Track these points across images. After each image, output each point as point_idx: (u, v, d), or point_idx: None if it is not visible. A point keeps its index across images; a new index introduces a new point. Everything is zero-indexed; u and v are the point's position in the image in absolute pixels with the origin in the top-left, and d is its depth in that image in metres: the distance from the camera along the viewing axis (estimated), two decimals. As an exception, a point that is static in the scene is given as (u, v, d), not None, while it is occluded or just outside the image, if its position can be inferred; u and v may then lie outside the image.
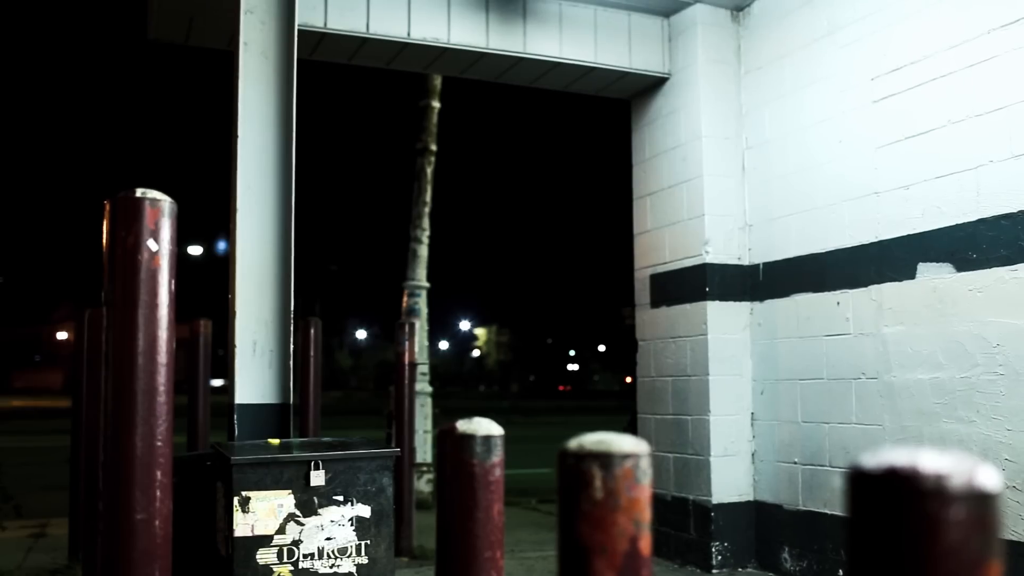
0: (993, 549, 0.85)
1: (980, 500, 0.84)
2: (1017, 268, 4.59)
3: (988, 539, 0.84)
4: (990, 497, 0.84)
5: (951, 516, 0.83)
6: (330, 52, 6.43)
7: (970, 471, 0.84)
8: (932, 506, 0.82)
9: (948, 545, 0.83)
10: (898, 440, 5.24)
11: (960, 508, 0.83)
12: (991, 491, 0.85)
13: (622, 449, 1.23)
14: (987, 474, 0.85)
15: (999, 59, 4.72)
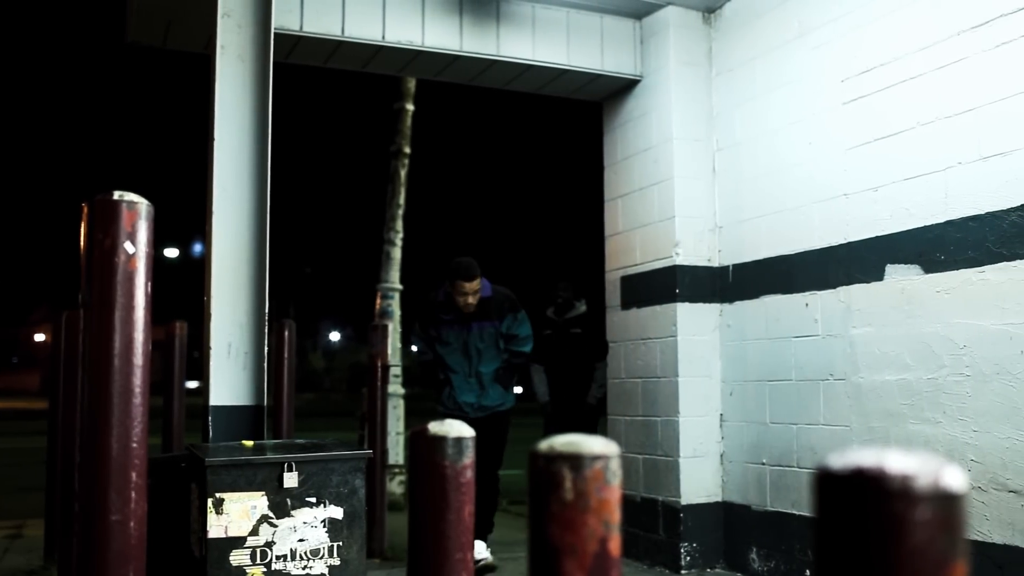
0: (958, 549, 0.85)
1: (946, 501, 0.84)
2: (984, 270, 4.57)
3: (954, 539, 0.85)
4: (956, 498, 0.85)
5: (917, 517, 0.83)
6: (306, 55, 6.38)
7: (936, 472, 0.85)
8: (898, 507, 0.83)
9: (914, 545, 0.83)
10: (865, 441, 5.21)
11: (926, 509, 0.83)
12: (957, 492, 0.85)
13: (592, 450, 1.24)
14: (953, 475, 0.86)
15: (968, 61, 4.70)
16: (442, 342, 6.53)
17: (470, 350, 6.51)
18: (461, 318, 6.49)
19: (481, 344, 6.50)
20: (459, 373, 6.50)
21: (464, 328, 6.52)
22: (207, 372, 4.84)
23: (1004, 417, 4.45)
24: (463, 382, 6.50)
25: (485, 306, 6.48)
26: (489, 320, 6.50)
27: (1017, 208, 4.41)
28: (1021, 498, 4.37)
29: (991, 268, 4.54)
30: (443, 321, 6.52)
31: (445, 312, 6.52)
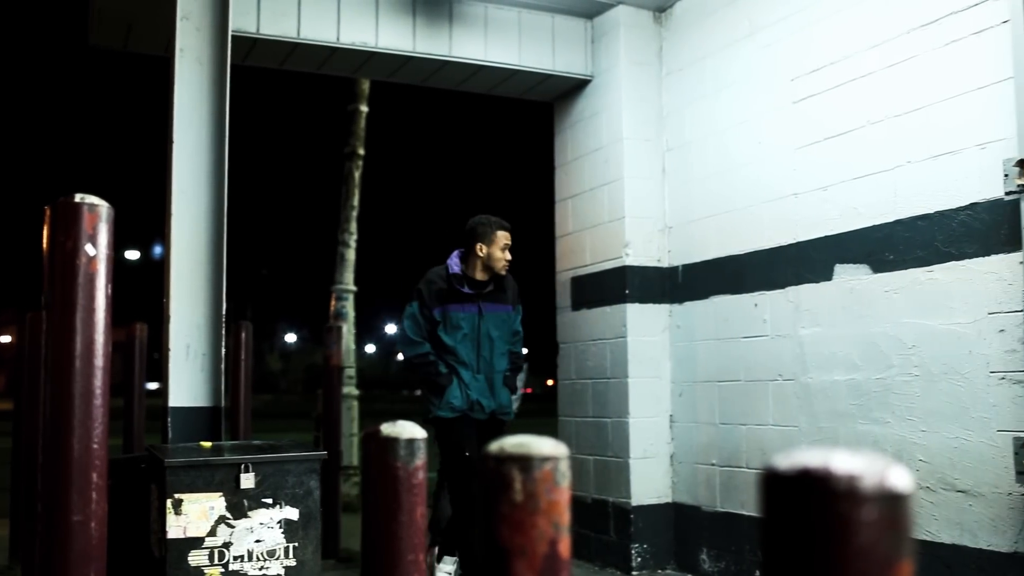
0: (904, 549, 0.86)
1: (892, 501, 0.84)
2: (933, 269, 4.53)
3: (899, 539, 0.85)
4: (902, 497, 0.85)
5: (863, 517, 0.83)
6: (262, 57, 6.33)
7: (882, 472, 0.85)
8: (844, 507, 0.82)
9: (860, 545, 0.83)
10: (814, 441, 5.14)
11: (872, 509, 0.83)
12: (903, 492, 0.85)
13: (541, 452, 1.24)
14: (899, 475, 0.86)
15: (918, 59, 4.65)
16: (451, 327, 5.45)
17: (481, 339, 5.50)
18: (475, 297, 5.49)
19: (495, 332, 5.52)
20: (468, 367, 5.45)
21: (475, 310, 5.51)
22: (166, 373, 4.88)
23: (952, 417, 4.41)
24: (472, 379, 5.45)
25: (501, 285, 5.58)
26: (503, 304, 5.57)
27: (966, 207, 4.37)
28: (969, 498, 4.33)
29: (940, 268, 4.50)
30: (453, 301, 5.48)
31: (460, 286, 5.47)
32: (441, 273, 5.57)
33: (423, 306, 5.51)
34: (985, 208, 4.31)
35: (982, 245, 4.32)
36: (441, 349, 5.48)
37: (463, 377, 5.46)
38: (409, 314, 5.58)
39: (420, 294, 5.54)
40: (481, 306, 5.50)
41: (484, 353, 5.51)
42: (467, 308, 5.49)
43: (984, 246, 4.31)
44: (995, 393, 4.25)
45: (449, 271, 5.55)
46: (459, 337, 5.48)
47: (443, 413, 5.45)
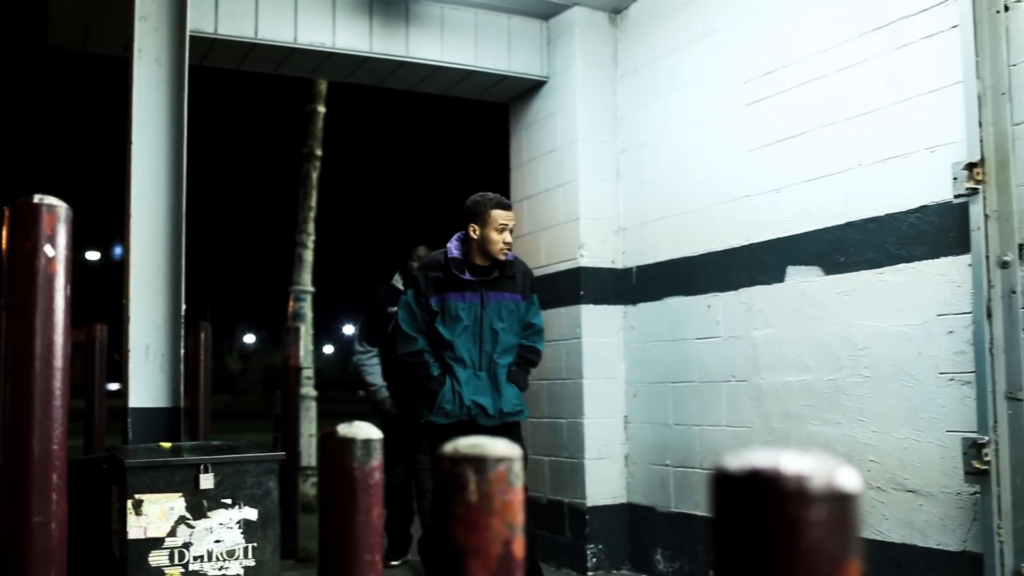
0: (852, 548, 0.87)
1: (840, 500, 0.84)
2: (884, 271, 4.54)
3: (848, 538, 0.86)
4: (850, 497, 0.85)
5: (811, 516, 0.83)
6: (220, 58, 6.28)
7: (830, 472, 0.86)
8: (793, 507, 0.83)
9: (808, 545, 0.84)
10: (767, 442, 5.13)
11: (820, 509, 0.83)
12: (851, 492, 0.86)
13: (496, 453, 1.24)
14: (847, 475, 0.87)
15: (869, 63, 4.65)
16: (449, 318, 4.93)
17: (483, 331, 4.98)
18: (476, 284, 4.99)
19: (500, 324, 4.99)
20: (467, 364, 4.96)
21: (477, 300, 4.99)
22: (126, 374, 4.90)
23: (903, 418, 4.41)
24: (471, 377, 4.95)
25: (507, 271, 5.08)
26: (511, 292, 5.05)
27: (916, 210, 4.38)
28: (919, 497, 4.33)
29: (890, 269, 4.51)
30: (451, 289, 4.97)
31: (459, 272, 4.97)
32: (439, 258, 5.06)
33: (419, 295, 5.00)
34: (935, 211, 4.36)
35: (932, 247, 4.36)
36: (439, 344, 4.97)
37: (459, 376, 4.94)
38: (403, 303, 5.06)
39: (416, 281, 5.03)
40: (484, 295, 4.98)
41: (486, 348, 4.98)
42: (468, 297, 4.97)
43: (934, 248, 4.35)
44: (944, 394, 4.29)
45: (448, 255, 5.02)
46: (458, 330, 4.95)
47: (436, 419, 4.96)
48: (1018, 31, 4.01)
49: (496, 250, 4.97)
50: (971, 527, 4.14)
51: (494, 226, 4.97)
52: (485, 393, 4.96)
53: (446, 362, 4.96)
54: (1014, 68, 4.02)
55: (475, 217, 5.00)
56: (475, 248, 5.01)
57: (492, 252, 4.98)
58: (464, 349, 4.96)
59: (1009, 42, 4.03)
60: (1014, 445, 3.92)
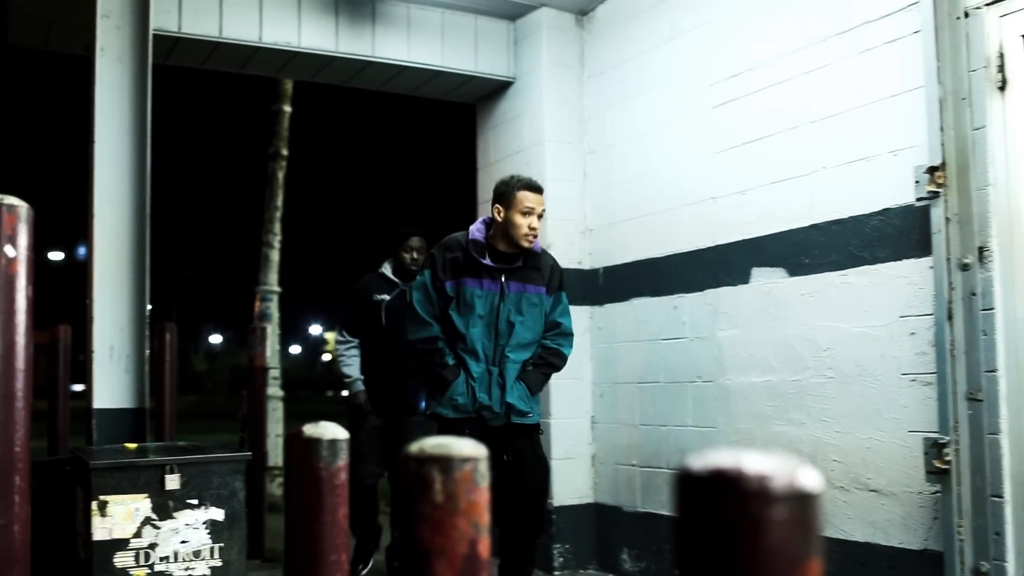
0: (813, 547, 0.88)
1: (801, 500, 0.85)
2: (847, 273, 4.57)
3: (809, 538, 0.86)
4: (811, 497, 0.86)
5: (773, 516, 0.84)
6: (184, 56, 6.20)
7: (792, 472, 0.86)
8: (755, 506, 0.84)
9: (770, 544, 0.85)
10: (732, 442, 5.15)
11: (782, 508, 0.84)
12: (812, 491, 0.87)
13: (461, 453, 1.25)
14: (808, 475, 0.88)
15: (834, 67, 4.68)
16: (464, 306, 4.56)
17: (499, 323, 4.59)
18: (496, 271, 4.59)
19: (518, 317, 4.61)
20: (480, 359, 4.59)
21: (496, 288, 4.60)
22: (90, 375, 4.88)
23: (865, 418, 4.45)
24: (483, 373, 4.58)
25: (533, 262, 4.71)
26: (534, 284, 4.67)
27: (879, 212, 4.42)
28: (881, 497, 4.37)
29: (853, 272, 4.54)
30: (469, 274, 4.59)
31: (479, 256, 4.59)
32: (460, 239, 4.66)
33: (435, 277, 4.60)
34: (897, 214, 4.40)
35: (894, 250, 4.40)
36: (450, 332, 4.59)
37: (472, 371, 4.55)
38: (419, 285, 4.67)
39: (433, 261, 4.63)
40: (504, 284, 4.59)
41: (501, 341, 4.58)
42: (486, 285, 4.58)
43: (896, 251, 4.39)
44: (906, 394, 4.34)
45: (469, 236, 4.63)
46: (473, 319, 4.56)
47: (444, 411, 4.61)
48: (978, 37, 4.06)
49: (520, 235, 4.56)
50: (932, 526, 4.18)
51: (519, 208, 4.56)
52: (495, 392, 4.59)
53: (458, 355, 4.58)
54: (974, 73, 4.07)
55: (501, 198, 4.62)
56: (499, 232, 4.61)
57: (515, 237, 4.58)
58: (478, 342, 4.56)
59: (969, 48, 4.09)
60: (974, 445, 3.97)
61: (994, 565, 3.87)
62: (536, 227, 4.59)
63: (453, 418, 4.57)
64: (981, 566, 3.90)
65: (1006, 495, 3.88)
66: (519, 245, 4.60)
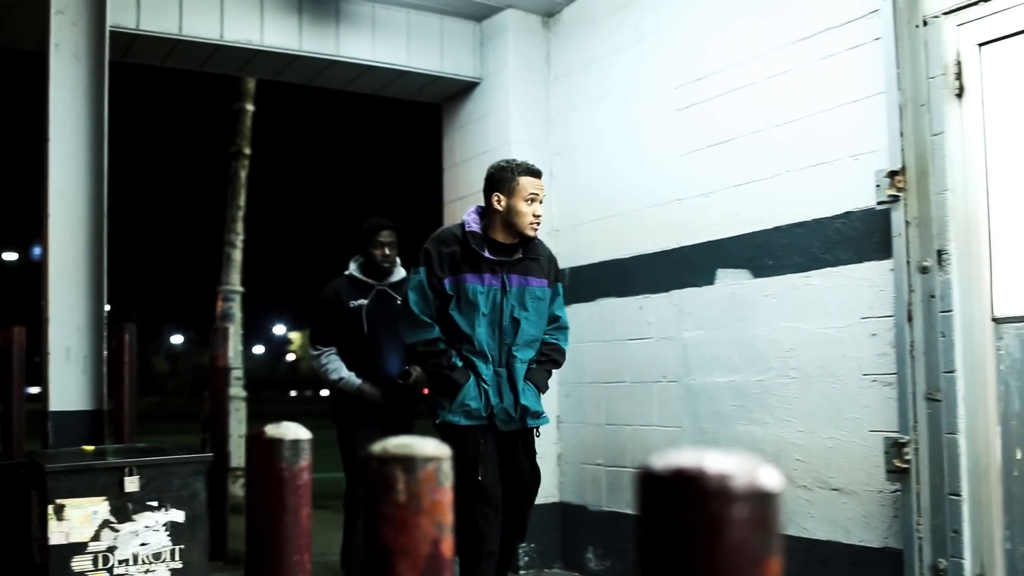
0: (773, 546, 0.88)
1: (762, 499, 0.86)
2: (810, 275, 4.62)
3: (769, 536, 0.87)
4: (771, 496, 0.87)
5: (734, 515, 0.85)
6: (143, 54, 6.13)
7: (752, 471, 0.87)
8: (715, 505, 0.85)
9: (731, 543, 0.85)
10: (696, 442, 5.19)
11: (743, 507, 0.85)
12: (772, 490, 0.88)
13: (424, 452, 1.25)
14: (769, 474, 0.89)
15: (796, 72, 4.74)
16: (465, 304, 4.19)
17: (503, 321, 4.25)
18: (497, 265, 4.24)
19: (523, 313, 4.28)
20: (489, 360, 4.26)
21: (497, 283, 4.25)
22: (46, 377, 4.83)
23: (828, 418, 4.51)
24: (492, 375, 4.25)
25: (532, 252, 4.40)
26: (536, 276, 4.36)
27: (840, 216, 4.48)
28: (843, 495, 4.43)
29: (816, 273, 4.60)
30: (469, 269, 4.22)
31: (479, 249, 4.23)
32: (455, 232, 4.32)
33: (432, 274, 4.22)
34: (858, 217, 4.45)
35: (856, 252, 4.46)
36: (453, 334, 4.24)
37: (482, 374, 4.23)
38: (415, 284, 4.27)
39: (428, 257, 4.23)
40: (506, 278, 4.26)
41: (507, 340, 4.26)
42: (487, 280, 4.23)
43: (858, 253, 4.45)
44: (867, 395, 4.39)
45: (466, 228, 4.27)
46: (477, 319, 4.20)
47: (454, 418, 4.23)
48: (936, 45, 4.13)
49: (525, 224, 4.27)
50: (892, 524, 4.23)
51: (523, 195, 4.27)
52: (507, 395, 4.28)
53: (464, 357, 4.22)
54: (932, 80, 4.13)
55: (499, 185, 4.29)
56: (499, 222, 4.28)
57: (520, 226, 4.27)
58: (485, 342, 4.21)
59: (928, 55, 4.15)
60: (932, 444, 4.02)
61: (952, 562, 3.93)
62: (540, 214, 4.35)
63: (467, 426, 4.22)
64: (939, 563, 3.95)
65: (963, 493, 3.93)
66: (523, 234, 4.29)
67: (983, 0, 3.96)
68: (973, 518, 3.92)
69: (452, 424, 4.23)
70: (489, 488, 4.22)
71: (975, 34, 4.02)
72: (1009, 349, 3.86)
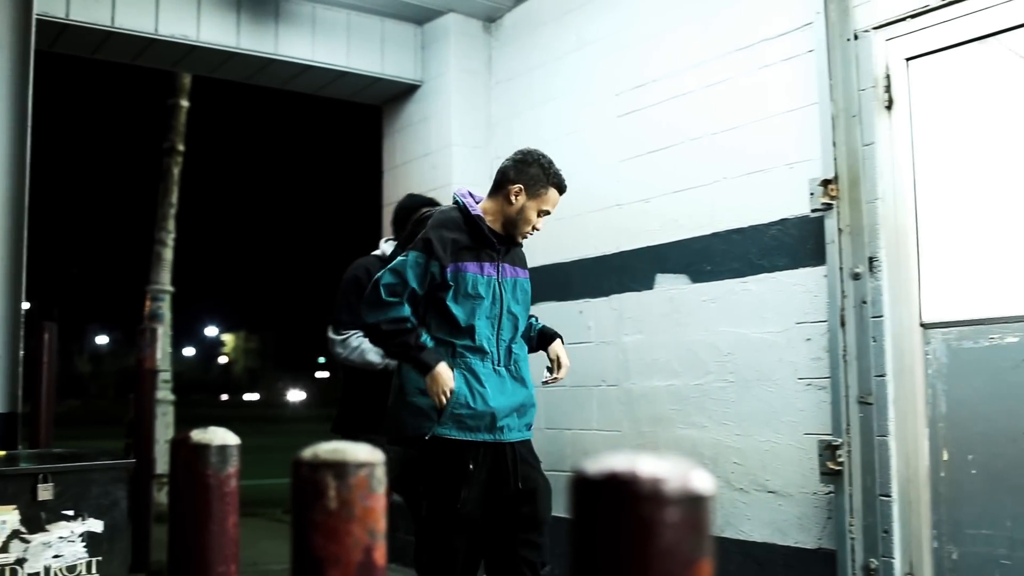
0: (705, 548, 0.89)
1: (693, 502, 0.87)
2: (747, 280, 4.71)
3: (700, 539, 0.88)
4: (703, 499, 0.88)
5: (666, 518, 0.86)
6: (73, 45, 5.99)
7: (685, 475, 0.88)
8: (647, 508, 0.85)
9: (663, 546, 0.86)
10: (636, 445, 5.24)
11: (674, 510, 0.86)
12: (704, 493, 0.89)
13: (357, 458, 1.22)
14: (701, 477, 0.90)
15: (734, 81, 4.83)
16: (463, 295, 3.66)
17: (503, 314, 3.77)
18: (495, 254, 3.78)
19: (517, 307, 3.85)
20: (488, 356, 3.72)
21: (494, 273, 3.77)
22: None
23: (764, 422, 4.59)
24: (491, 374, 3.69)
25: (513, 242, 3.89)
26: (523, 267, 4.00)
27: (777, 223, 4.57)
28: (779, 498, 4.52)
29: (753, 279, 4.69)
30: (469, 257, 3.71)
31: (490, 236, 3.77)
32: (454, 216, 3.77)
33: (431, 260, 3.64)
34: (794, 224, 4.52)
35: (791, 259, 4.53)
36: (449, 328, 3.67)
37: (479, 373, 3.65)
38: (399, 265, 3.66)
39: (429, 244, 3.65)
40: (501, 268, 3.81)
41: (503, 336, 3.77)
42: (486, 269, 3.73)
43: (793, 259, 4.52)
44: (802, 398, 4.45)
45: (471, 211, 3.77)
46: (477, 311, 3.68)
47: (445, 431, 3.57)
48: (866, 58, 4.23)
49: (524, 231, 3.82)
50: (826, 525, 4.30)
51: (541, 205, 3.82)
52: (513, 398, 3.74)
53: (458, 353, 3.66)
54: (863, 92, 4.22)
55: (527, 180, 3.79)
56: (498, 213, 3.81)
57: (517, 230, 3.81)
58: (485, 337, 3.70)
59: (859, 68, 4.24)
60: (864, 447, 4.09)
61: (882, 562, 4.00)
62: (540, 229, 3.94)
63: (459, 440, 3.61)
64: (871, 563, 4.02)
65: (894, 494, 4.01)
66: (513, 237, 3.83)
67: (910, 17, 4.07)
68: (903, 518, 4.00)
69: (443, 439, 3.58)
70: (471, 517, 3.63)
71: (903, 49, 4.12)
72: (936, 354, 3.95)
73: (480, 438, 3.61)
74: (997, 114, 3.85)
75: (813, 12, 4.38)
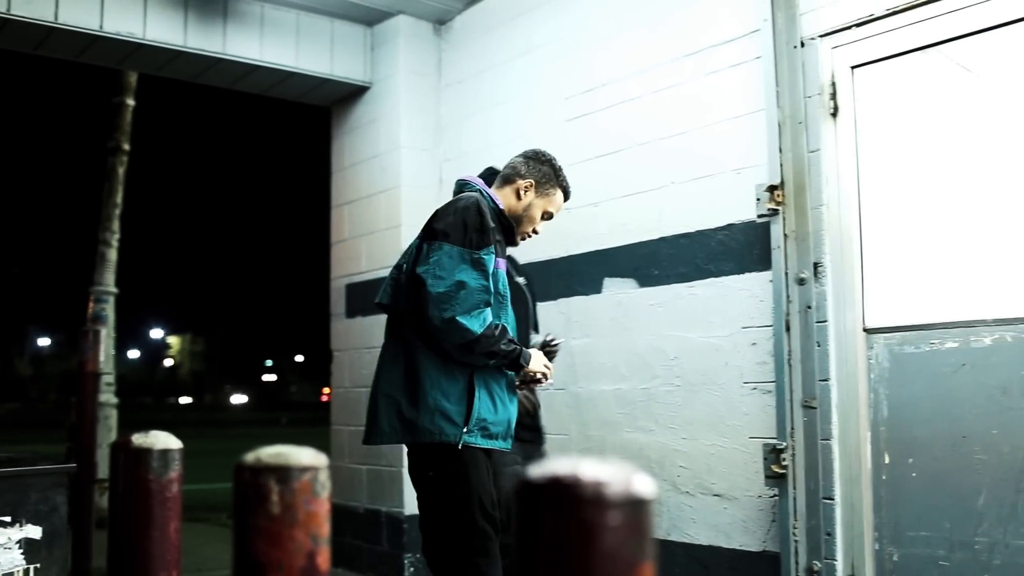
0: (646, 552, 0.90)
1: (635, 506, 0.87)
2: (694, 285, 4.73)
3: (642, 542, 0.88)
4: (644, 503, 0.88)
5: (608, 522, 0.86)
6: (14, 40, 5.84)
7: (627, 479, 0.89)
8: (589, 512, 0.86)
9: (605, 549, 0.86)
10: (584, 449, 5.24)
11: (616, 514, 0.87)
12: (646, 497, 0.90)
13: (300, 462, 1.21)
14: (642, 482, 0.90)
15: (681, 87, 4.84)
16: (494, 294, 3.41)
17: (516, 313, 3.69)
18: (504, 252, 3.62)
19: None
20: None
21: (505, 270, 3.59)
22: None
23: (710, 425, 4.61)
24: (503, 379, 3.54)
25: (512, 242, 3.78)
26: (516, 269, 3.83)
27: (723, 228, 4.59)
28: (724, 501, 4.54)
29: (700, 284, 4.70)
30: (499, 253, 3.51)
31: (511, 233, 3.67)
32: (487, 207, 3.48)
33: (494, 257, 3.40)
34: (740, 229, 4.56)
35: (737, 263, 4.57)
36: None
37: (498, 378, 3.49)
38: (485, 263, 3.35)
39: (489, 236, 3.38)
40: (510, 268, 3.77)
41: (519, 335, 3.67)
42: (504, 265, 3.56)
43: (739, 264, 4.56)
44: (747, 402, 4.49)
45: (498, 204, 3.58)
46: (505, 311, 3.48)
47: (471, 439, 3.35)
48: (813, 66, 4.27)
49: (525, 229, 3.70)
50: (770, 528, 4.34)
51: (547, 206, 3.71)
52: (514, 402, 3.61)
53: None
54: (809, 100, 4.26)
55: (540, 177, 3.68)
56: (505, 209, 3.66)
57: (519, 228, 3.68)
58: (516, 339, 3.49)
59: (805, 75, 4.29)
60: (808, 450, 4.13)
61: (825, 564, 4.04)
62: (538, 232, 3.80)
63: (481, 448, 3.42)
64: (814, 565, 4.06)
65: (837, 497, 4.05)
66: (513, 238, 3.69)
67: (856, 25, 4.12)
68: (845, 521, 4.05)
69: (471, 447, 3.36)
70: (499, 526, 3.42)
71: (848, 57, 4.17)
72: (879, 358, 4.00)
73: (497, 445, 3.44)
74: (939, 123, 3.91)
75: (760, 19, 4.42)
